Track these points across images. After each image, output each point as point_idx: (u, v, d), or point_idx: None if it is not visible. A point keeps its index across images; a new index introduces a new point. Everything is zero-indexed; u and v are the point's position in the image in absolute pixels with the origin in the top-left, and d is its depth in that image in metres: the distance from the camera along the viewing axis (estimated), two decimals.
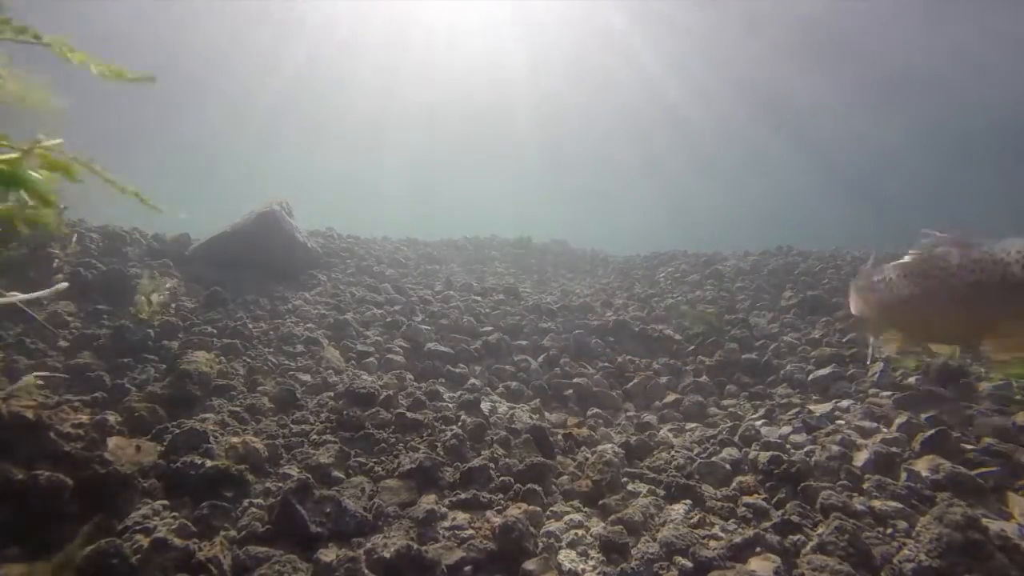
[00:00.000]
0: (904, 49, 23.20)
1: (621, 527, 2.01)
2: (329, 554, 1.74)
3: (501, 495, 2.24)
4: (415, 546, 1.76)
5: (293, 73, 33.01)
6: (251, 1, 25.98)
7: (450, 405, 3.17)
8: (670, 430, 3.17)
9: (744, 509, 2.17)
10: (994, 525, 1.89)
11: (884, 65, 24.61)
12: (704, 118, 33.29)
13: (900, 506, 2.08)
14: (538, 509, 2.14)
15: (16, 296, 2.65)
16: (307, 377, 3.40)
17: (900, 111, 29.33)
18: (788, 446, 2.67)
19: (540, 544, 1.93)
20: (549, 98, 35.43)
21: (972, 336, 2.28)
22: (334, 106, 37.93)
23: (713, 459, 2.57)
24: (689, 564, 1.81)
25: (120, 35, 25.90)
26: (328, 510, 1.95)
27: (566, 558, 1.89)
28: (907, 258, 2.41)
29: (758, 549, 1.87)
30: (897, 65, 24.35)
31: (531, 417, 3.17)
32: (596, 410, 3.43)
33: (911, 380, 3.36)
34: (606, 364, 4.22)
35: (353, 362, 3.85)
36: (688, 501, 2.25)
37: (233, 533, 1.84)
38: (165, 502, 1.96)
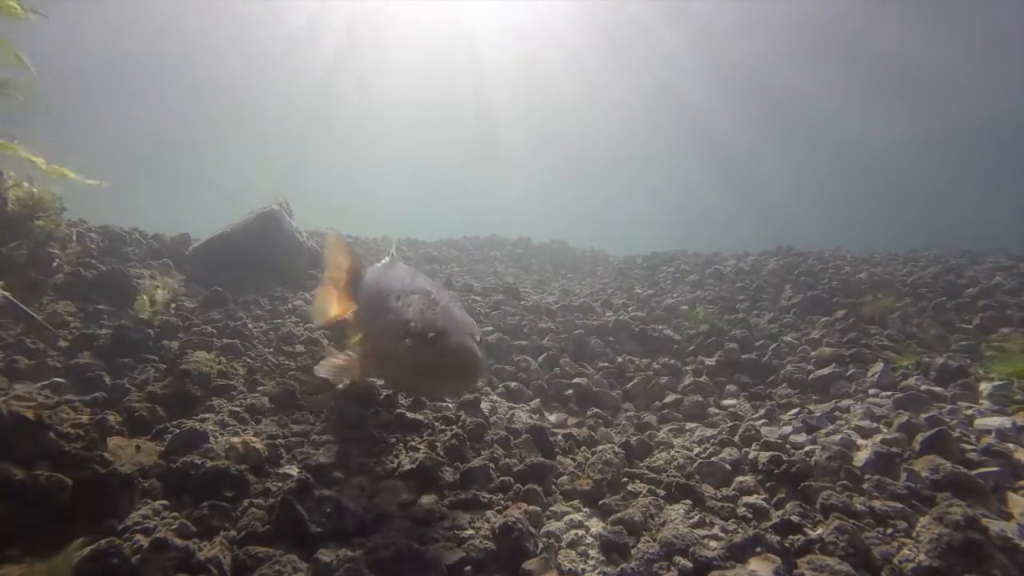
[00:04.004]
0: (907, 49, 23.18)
1: (621, 527, 2.01)
2: (329, 554, 1.74)
3: (501, 495, 2.24)
4: (415, 546, 1.76)
5: (293, 72, 33.02)
6: (254, 1, 25.99)
7: (450, 405, 3.16)
8: (670, 430, 3.17)
9: (744, 509, 2.17)
10: (994, 525, 1.89)
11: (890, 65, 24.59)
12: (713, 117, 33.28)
13: (900, 506, 2.07)
14: (538, 509, 2.14)
15: None
16: (307, 377, 3.40)
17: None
18: (788, 446, 2.66)
19: (540, 544, 1.93)
20: (550, 98, 35.43)
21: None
22: (334, 105, 37.94)
23: (713, 459, 2.57)
24: (689, 564, 1.81)
25: (117, 32, 25.88)
26: (328, 510, 1.94)
27: (566, 558, 1.89)
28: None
29: (758, 549, 1.87)
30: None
31: (531, 417, 3.17)
32: (596, 410, 3.43)
33: (911, 380, 3.36)
34: (606, 364, 4.22)
35: None
36: (688, 501, 2.25)
37: (233, 533, 1.84)
38: (165, 502, 1.96)
